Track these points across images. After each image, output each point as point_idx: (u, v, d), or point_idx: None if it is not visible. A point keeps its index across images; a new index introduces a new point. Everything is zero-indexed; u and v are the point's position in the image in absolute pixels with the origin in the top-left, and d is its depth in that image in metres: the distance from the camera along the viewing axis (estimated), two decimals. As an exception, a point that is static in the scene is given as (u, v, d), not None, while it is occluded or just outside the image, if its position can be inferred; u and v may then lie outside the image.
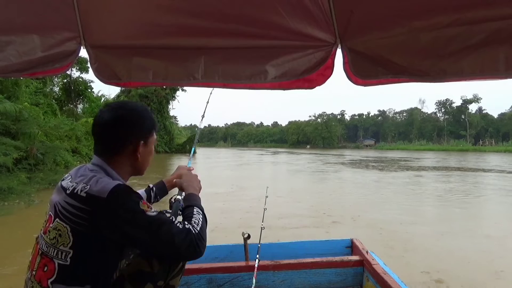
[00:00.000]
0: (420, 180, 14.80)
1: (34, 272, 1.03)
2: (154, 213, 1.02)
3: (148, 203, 1.05)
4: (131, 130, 1.15)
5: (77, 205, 0.99)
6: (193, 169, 1.68)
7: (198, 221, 1.12)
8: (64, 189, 1.06)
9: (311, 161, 28.90)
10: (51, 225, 1.03)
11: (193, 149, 1.92)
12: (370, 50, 1.35)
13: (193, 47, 1.49)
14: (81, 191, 1.01)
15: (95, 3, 1.41)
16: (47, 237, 1.03)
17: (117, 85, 1.59)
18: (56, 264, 0.98)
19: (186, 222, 1.07)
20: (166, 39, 1.48)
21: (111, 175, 1.11)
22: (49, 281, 0.98)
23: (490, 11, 1.11)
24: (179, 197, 1.44)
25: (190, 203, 1.22)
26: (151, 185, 1.62)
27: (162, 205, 1.50)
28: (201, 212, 1.17)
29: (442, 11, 1.18)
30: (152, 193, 1.60)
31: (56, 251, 0.99)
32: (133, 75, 1.50)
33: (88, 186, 1.01)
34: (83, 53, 1.51)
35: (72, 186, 1.04)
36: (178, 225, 1.03)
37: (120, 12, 1.43)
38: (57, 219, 1.02)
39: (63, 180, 1.14)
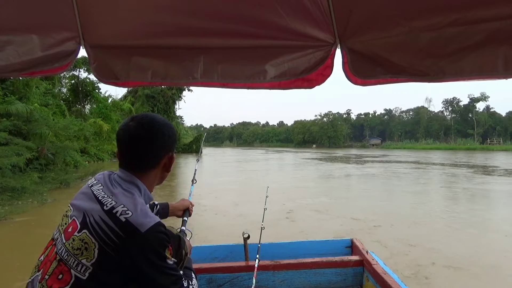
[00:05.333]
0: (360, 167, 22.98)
1: (47, 277, 0.99)
2: (172, 263, 1.02)
3: (171, 250, 1.05)
4: (167, 144, 1.16)
5: (113, 228, 0.96)
6: (193, 205, 1.81)
7: (195, 286, 1.21)
8: (98, 201, 1.03)
9: (306, 158, 35.47)
10: (76, 233, 0.99)
11: (192, 188, 1.98)
12: (369, 50, 1.34)
13: (192, 47, 1.49)
14: (120, 214, 0.98)
15: (95, 3, 1.42)
16: (69, 245, 0.99)
17: (115, 84, 1.59)
18: (73, 276, 0.95)
19: (189, 282, 1.14)
20: (165, 38, 1.48)
21: (143, 192, 1.12)
22: None
23: (489, 11, 1.11)
24: (183, 228, 1.57)
25: (190, 267, 1.29)
26: (156, 202, 1.64)
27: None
28: (195, 277, 1.26)
29: (441, 11, 1.17)
30: (155, 209, 1.61)
31: (76, 262, 0.96)
32: (131, 75, 1.50)
33: (130, 213, 0.98)
34: (83, 52, 1.51)
35: (110, 204, 1.01)
36: (184, 283, 1.07)
37: (119, 12, 1.43)
38: (85, 231, 0.98)
39: (91, 186, 1.10)
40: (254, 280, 1.83)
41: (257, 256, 1.98)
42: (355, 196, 11.24)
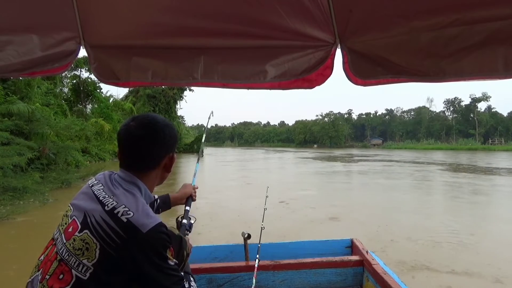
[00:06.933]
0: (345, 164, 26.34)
1: (47, 277, 0.99)
2: (173, 264, 1.02)
3: (172, 250, 1.05)
4: (167, 144, 1.17)
5: (115, 228, 0.96)
6: (197, 188, 1.74)
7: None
8: (99, 201, 1.03)
9: (304, 157, 37.38)
10: (77, 233, 0.99)
11: (197, 167, 1.91)
12: (369, 50, 1.34)
13: (192, 47, 1.49)
14: (122, 214, 0.98)
15: (95, 3, 1.42)
16: (70, 245, 0.99)
17: (116, 85, 1.59)
18: (74, 276, 0.95)
19: (190, 283, 1.15)
20: (165, 39, 1.48)
21: (143, 192, 1.12)
22: None
23: (489, 11, 1.11)
24: (185, 221, 1.52)
25: (188, 271, 1.29)
26: (155, 196, 1.62)
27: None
28: (193, 281, 1.25)
29: (441, 11, 1.17)
30: (155, 205, 1.59)
31: (77, 262, 0.96)
32: (132, 75, 1.50)
33: (131, 213, 0.98)
34: (83, 52, 1.51)
35: (111, 204, 1.01)
36: (185, 284, 1.07)
37: (119, 12, 1.43)
38: (87, 231, 0.98)
39: (92, 186, 1.10)
40: (254, 280, 1.83)
41: (257, 256, 1.98)
42: (337, 188, 13.31)
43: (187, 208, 1.62)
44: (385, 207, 9.30)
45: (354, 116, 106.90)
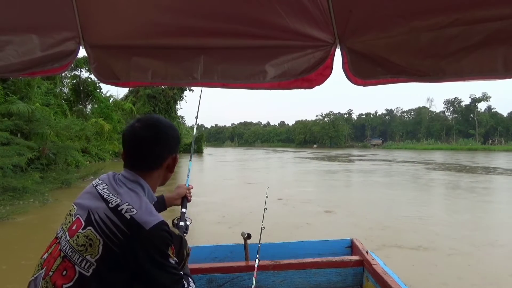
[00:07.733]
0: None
1: (51, 273, 1.00)
2: (174, 262, 1.04)
3: (173, 249, 1.07)
4: (170, 145, 1.19)
5: (118, 225, 0.98)
6: (192, 188, 1.75)
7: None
8: (104, 199, 1.05)
9: (302, 157, 38.46)
10: (81, 230, 1.01)
11: (190, 165, 1.91)
12: (369, 50, 1.34)
13: (192, 47, 1.49)
14: (125, 211, 1.00)
15: (95, 3, 1.42)
16: (73, 241, 1.01)
17: (115, 85, 1.59)
18: (77, 272, 0.97)
19: (189, 283, 1.14)
20: (165, 39, 1.48)
21: (147, 191, 1.14)
22: (64, 286, 0.96)
23: (489, 11, 1.10)
24: (182, 223, 1.54)
25: (187, 273, 1.30)
26: None
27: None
28: (192, 281, 1.24)
29: (441, 11, 1.17)
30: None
31: (81, 258, 0.97)
32: (132, 75, 1.50)
33: (135, 211, 1.00)
34: (83, 52, 1.51)
35: (115, 201, 1.03)
36: (184, 283, 1.08)
37: (119, 12, 1.43)
38: (90, 228, 1.00)
39: (96, 185, 1.13)
40: (254, 280, 1.83)
41: (257, 256, 1.98)
42: (332, 185, 14.18)
43: (183, 210, 1.62)
44: (374, 201, 10.27)
45: (354, 116, 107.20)
